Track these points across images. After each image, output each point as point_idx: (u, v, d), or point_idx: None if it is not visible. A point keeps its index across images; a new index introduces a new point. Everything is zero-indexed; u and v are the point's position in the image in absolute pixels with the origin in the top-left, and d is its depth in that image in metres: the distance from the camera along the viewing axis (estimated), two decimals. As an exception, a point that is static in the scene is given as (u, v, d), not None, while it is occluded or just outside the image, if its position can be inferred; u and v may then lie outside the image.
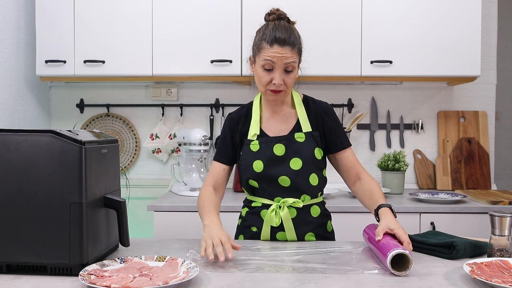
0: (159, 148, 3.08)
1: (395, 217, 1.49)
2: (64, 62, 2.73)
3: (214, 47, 2.70)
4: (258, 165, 1.65)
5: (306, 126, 1.69)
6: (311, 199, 1.69)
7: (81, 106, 3.13)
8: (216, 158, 1.76)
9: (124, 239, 1.44)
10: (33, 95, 2.96)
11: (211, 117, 3.09)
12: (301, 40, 1.64)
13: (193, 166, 2.78)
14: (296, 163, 1.65)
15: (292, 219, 1.65)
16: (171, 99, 3.11)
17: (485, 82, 3.07)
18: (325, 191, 2.01)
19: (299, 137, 1.67)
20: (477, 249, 1.46)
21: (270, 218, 1.64)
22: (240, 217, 1.81)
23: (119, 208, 1.41)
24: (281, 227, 1.65)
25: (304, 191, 1.67)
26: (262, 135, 1.70)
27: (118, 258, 1.33)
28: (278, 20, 1.62)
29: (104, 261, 1.30)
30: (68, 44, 2.73)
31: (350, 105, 3.06)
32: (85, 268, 1.23)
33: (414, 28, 2.68)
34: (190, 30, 2.71)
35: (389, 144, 3.08)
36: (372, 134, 3.09)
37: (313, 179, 1.67)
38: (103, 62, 2.73)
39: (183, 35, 2.71)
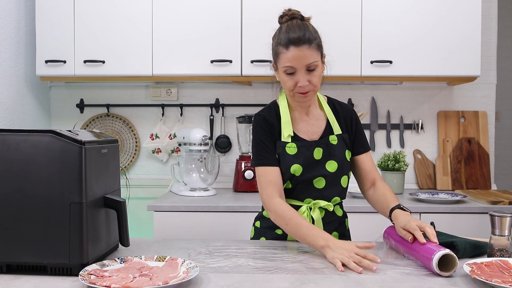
0: (159, 148, 3.08)
1: (410, 213, 1.50)
2: (64, 62, 2.73)
3: (214, 47, 2.70)
4: (297, 169, 1.61)
5: (337, 128, 1.68)
6: (340, 200, 1.71)
7: (81, 106, 3.13)
8: (267, 163, 1.61)
9: (124, 239, 1.44)
10: (33, 95, 2.96)
11: (211, 117, 3.09)
12: (319, 34, 1.58)
13: (193, 166, 2.78)
14: (331, 165, 1.64)
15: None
16: (171, 99, 3.11)
17: (485, 82, 3.06)
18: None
19: (333, 140, 1.66)
20: (477, 249, 1.46)
21: None
22: (259, 218, 1.77)
23: (119, 208, 1.41)
24: None
25: (335, 193, 1.67)
26: (296, 138, 1.65)
27: (118, 258, 1.33)
28: (291, 20, 1.58)
29: (104, 261, 1.30)
30: (68, 44, 2.73)
31: (350, 105, 3.05)
32: (85, 268, 1.23)
33: (414, 28, 2.68)
34: (190, 30, 2.71)
35: (389, 144, 3.08)
36: (372, 134, 3.09)
37: (344, 181, 1.68)
38: (103, 62, 2.72)
39: (183, 35, 2.71)
